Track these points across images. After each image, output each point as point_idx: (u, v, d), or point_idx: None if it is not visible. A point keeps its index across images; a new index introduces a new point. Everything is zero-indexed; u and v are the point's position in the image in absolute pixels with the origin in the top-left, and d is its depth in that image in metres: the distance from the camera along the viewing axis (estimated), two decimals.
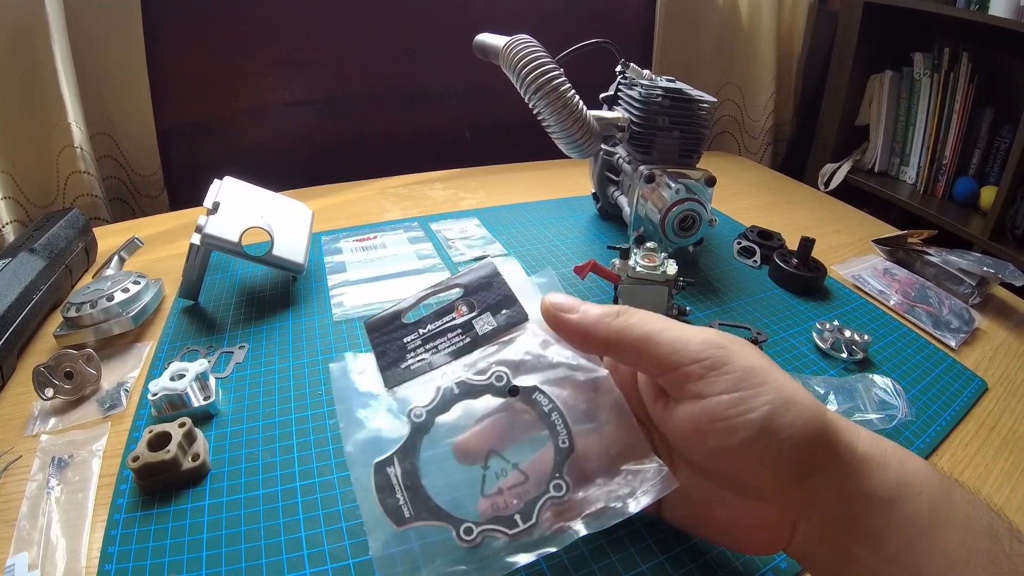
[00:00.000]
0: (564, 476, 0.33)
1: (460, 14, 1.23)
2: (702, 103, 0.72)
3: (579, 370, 0.36)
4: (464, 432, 0.35)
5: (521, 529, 0.32)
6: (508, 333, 0.37)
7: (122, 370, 0.59)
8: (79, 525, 0.42)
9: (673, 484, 0.32)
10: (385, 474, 0.33)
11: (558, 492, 0.32)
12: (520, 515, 0.32)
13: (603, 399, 0.35)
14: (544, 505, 0.32)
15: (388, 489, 0.33)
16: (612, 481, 0.33)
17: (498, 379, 0.35)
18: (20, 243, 0.68)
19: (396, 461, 0.33)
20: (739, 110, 1.51)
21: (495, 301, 0.39)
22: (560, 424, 0.34)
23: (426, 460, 0.34)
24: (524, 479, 0.33)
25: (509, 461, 0.34)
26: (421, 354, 0.38)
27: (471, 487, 0.34)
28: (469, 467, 0.34)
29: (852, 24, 1.45)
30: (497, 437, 0.35)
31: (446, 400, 0.35)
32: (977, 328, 0.70)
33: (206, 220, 0.64)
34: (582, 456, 0.34)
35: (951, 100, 1.37)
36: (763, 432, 0.29)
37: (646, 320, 0.33)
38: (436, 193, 1.04)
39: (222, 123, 1.18)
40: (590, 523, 0.32)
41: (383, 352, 0.39)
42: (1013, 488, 0.48)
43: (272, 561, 0.39)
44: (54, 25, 0.90)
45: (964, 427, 0.55)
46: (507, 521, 0.32)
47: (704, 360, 0.31)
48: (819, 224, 0.97)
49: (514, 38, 0.65)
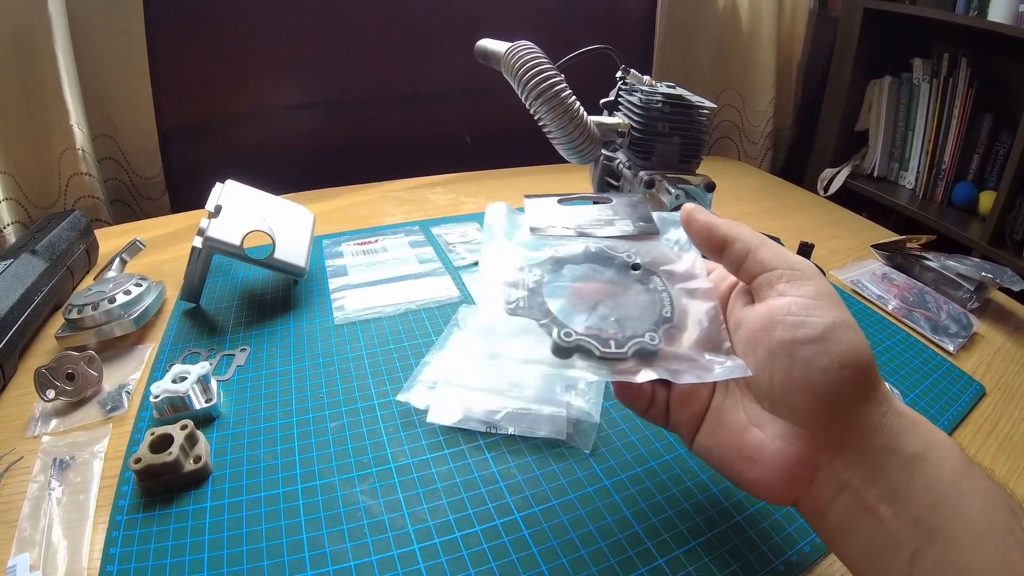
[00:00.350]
0: (660, 333, 0.36)
1: (461, 17, 1.23)
2: (702, 109, 0.72)
3: (690, 278, 0.39)
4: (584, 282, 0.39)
5: (611, 351, 0.34)
6: (641, 238, 0.42)
7: (124, 372, 0.59)
8: (80, 526, 0.42)
9: (747, 372, 0.34)
10: (515, 276, 0.38)
11: (652, 341, 0.35)
12: (616, 343, 0.35)
13: (703, 305, 0.38)
14: (636, 346, 0.35)
15: (512, 285, 0.37)
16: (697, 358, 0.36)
17: (628, 256, 0.40)
18: (22, 244, 0.69)
19: (528, 269, 0.38)
20: (739, 115, 1.52)
21: (636, 215, 0.44)
22: (668, 302, 0.38)
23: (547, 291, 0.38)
24: (621, 330, 0.36)
25: (612, 315, 0.37)
26: (565, 224, 0.43)
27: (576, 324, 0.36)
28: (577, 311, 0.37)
29: (852, 30, 1.46)
30: (610, 294, 0.39)
31: (586, 255, 0.40)
32: (975, 333, 0.70)
33: (208, 223, 0.65)
34: (677, 331, 0.37)
35: (950, 105, 1.37)
36: (824, 336, 0.31)
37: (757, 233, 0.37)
38: (437, 197, 1.05)
39: (223, 125, 1.18)
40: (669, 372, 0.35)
41: (533, 211, 0.44)
42: (1011, 492, 0.48)
43: (274, 563, 0.39)
44: (56, 26, 0.90)
45: (962, 431, 0.55)
46: (602, 341, 0.35)
47: (798, 270, 0.34)
48: (818, 229, 0.98)
49: (515, 44, 0.65)
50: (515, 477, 0.47)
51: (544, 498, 0.45)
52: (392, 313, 0.68)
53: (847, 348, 0.31)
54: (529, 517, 0.43)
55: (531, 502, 0.45)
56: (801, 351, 0.31)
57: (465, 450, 0.49)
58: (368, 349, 0.62)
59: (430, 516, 0.43)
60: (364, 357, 0.61)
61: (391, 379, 0.57)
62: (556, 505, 0.44)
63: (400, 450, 0.49)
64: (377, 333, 0.64)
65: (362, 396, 0.55)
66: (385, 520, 0.43)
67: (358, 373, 0.58)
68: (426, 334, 0.64)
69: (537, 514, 0.44)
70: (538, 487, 0.46)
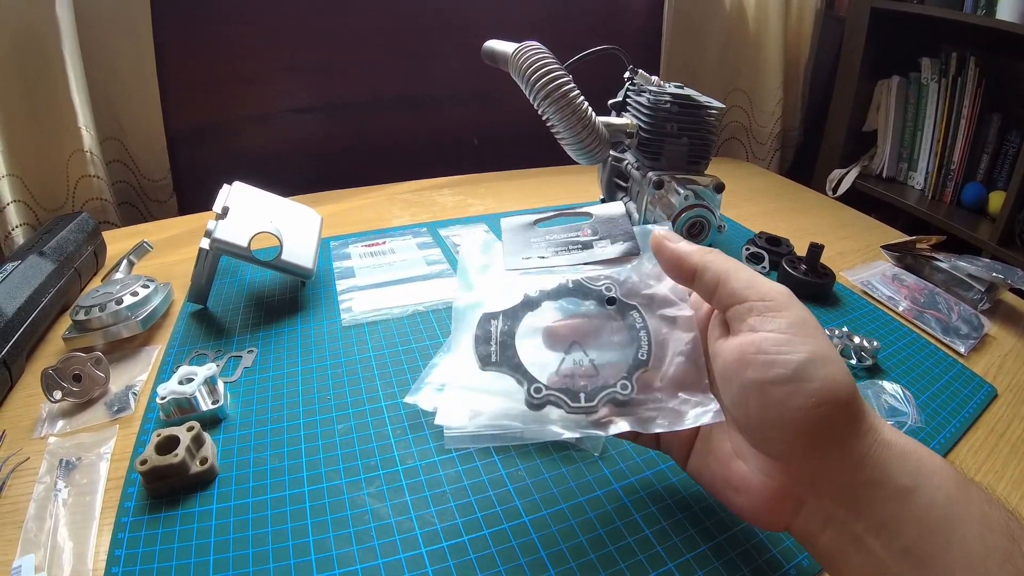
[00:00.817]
0: (632, 381, 0.36)
1: (466, 19, 1.23)
2: (710, 109, 0.72)
3: (669, 305, 0.39)
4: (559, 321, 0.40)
5: (581, 406, 0.35)
6: (621, 261, 0.41)
7: (130, 373, 0.59)
8: (86, 528, 0.42)
9: (720, 417, 0.35)
10: (487, 327, 0.38)
11: (623, 391, 0.36)
12: (585, 396, 0.35)
13: (682, 335, 0.38)
14: (606, 397, 0.35)
15: (485, 339, 0.38)
16: (670, 401, 0.36)
17: (607, 289, 0.39)
18: (30, 246, 0.69)
19: (501, 318, 0.38)
20: (747, 116, 1.51)
21: (616, 233, 0.43)
22: (644, 341, 0.37)
23: (522, 332, 0.38)
24: (596, 373, 0.37)
25: (588, 355, 0.38)
26: (541, 254, 0.43)
27: (550, 366, 0.38)
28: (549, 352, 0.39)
29: (859, 30, 1.45)
30: (584, 333, 0.39)
31: (560, 291, 0.40)
32: (986, 334, 0.69)
33: (215, 225, 0.65)
34: (652, 374, 0.37)
35: (959, 105, 1.36)
36: (797, 375, 0.30)
37: (729, 260, 0.36)
38: (444, 199, 1.05)
39: (231, 128, 1.18)
40: (640, 424, 0.35)
41: (511, 242, 0.44)
42: (1023, 496, 0.48)
43: (280, 566, 0.39)
44: (64, 30, 0.91)
45: (973, 434, 0.55)
46: (571, 395, 0.35)
47: (769, 301, 0.33)
48: (827, 230, 0.97)
49: (523, 45, 0.65)
50: (524, 480, 0.46)
51: (553, 501, 0.45)
52: (400, 315, 0.68)
53: (822, 385, 0.30)
54: (538, 520, 0.43)
55: (540, 505, 0.44)
56: (774, 391, 0.31)
57: (473, 453, 0.49)
58: (376, 351, 0.62)
59: (438, 519, 0.43)
60: (372, 359, 0.60)
61: (399, 381, 0.57)
62: (565, 508, 0.44)
63: (408, 452, 0.49)
64: (385, 335, 0.64)
65: (369, 398, 0.55)
66: (392, 523, 0.43)
67: (365, 375, 0.58)
68: (434, 336, 0.64)
69: (546, 517, 0.43)
70: (547, 490, 0.46)
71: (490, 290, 0.41)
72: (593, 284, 0.40)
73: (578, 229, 0.44)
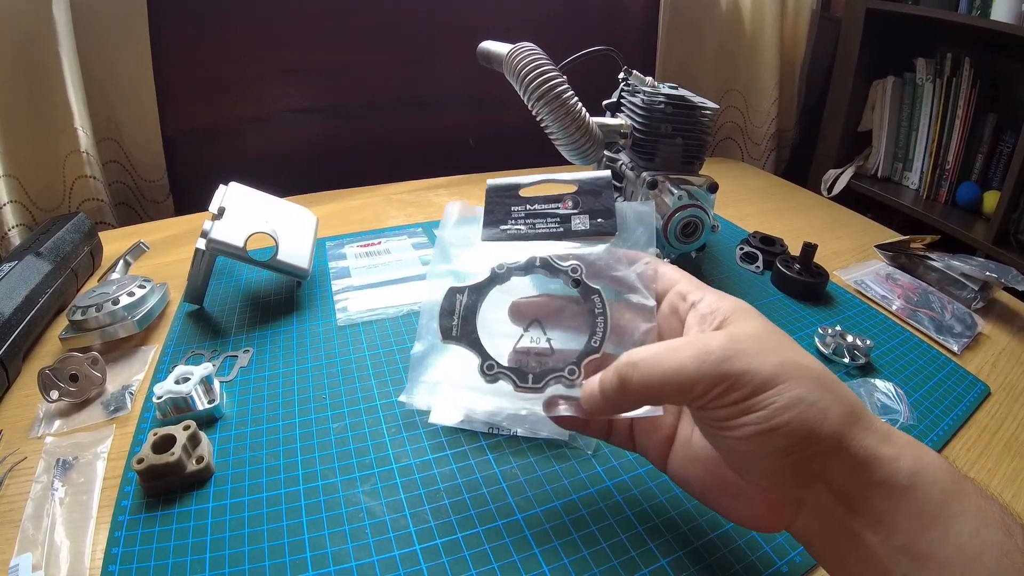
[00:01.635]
0: (580, 367, 0.37)
1: (463, 21, 1.24)
2: (705, 110, 0.72)
3: (635, 293, 0.39)
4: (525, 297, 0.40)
5: (528, 387, 0.37)
6: (594, 239, 0.41)
7: (127, 373, 0.59)
8: (83, 527, 0.43)
9: (656, 412, 0.35)
10: (453, 300, 0.39)
11: (570, 376, 0.37)
12: (533, 377, 0.37)
13: (641, 324, 0.38)
14: (553, 379, 0.37)
15: (448, 311, 0.39)
16: None
17: (573, 270, 0.39)
18: (26, 246, 0.69)
19: (466, 293, 0.39)
20: (742, 116, 1.51)
21: (597, 208, 0.42)
22: (600, 329, 0.37)
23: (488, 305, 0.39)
24: (550, 352, 0.38)
25: (546, 335, 0.39)
26: (519, 225, 0.43)
27: (509, 339, 0.39)
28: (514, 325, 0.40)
29: (854, 30, 1.45)
30: (547, 312, 0.39)
31: (528, 266, 0.40)
32: (980, 333, 0.70)
33: (211, 225, 0.65)
34: (602, 361, 0.37)
35: (953, 105, 1.37)
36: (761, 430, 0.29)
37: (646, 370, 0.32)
38: (440, 200, 1.05)
39: (227, 129, 1.18)
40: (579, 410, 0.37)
41: (491, 210, 0.44)
42: (1016, 493, 0.48)
43: (276, 563, 0.40)
44: (61, 31, 0.91)
45: (966, 432, 0.55)
46: (521, 375, 0.37)
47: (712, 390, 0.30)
48: (822, 230, 0.97)
49: (517, 46, 0.65)
50: (517, 478, 0.47)
51: (546, 499, 0.45)
52: (395, 314, 0.68)
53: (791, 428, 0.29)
54: (531, 518, 0.43)
55: (533, 503, 0.45)
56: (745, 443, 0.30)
57: (467, 451, 0.49)
58: (371, 350, 0.62)
59: (432, 517, 0.43)
60: (367, 358, 0.61)
61: (393, 380, 0.57)
62: (558, 506, 0.44)
63: (402, 451, 0.49)
64: (380, 334, 0.64)
65: (364, 397, 0.55)
66: (387, 521, 0.43)
67: (361, 374, 0.58)
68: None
69: (539, 515, 0.44)
70: (540, 488, 0.46)
71: (464, 260, 0.42)
72: (561, 263, 0.39)
73: (559, 200, 0.43)
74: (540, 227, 0.42)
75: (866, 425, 0.30)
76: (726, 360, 0.30)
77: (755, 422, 0.29)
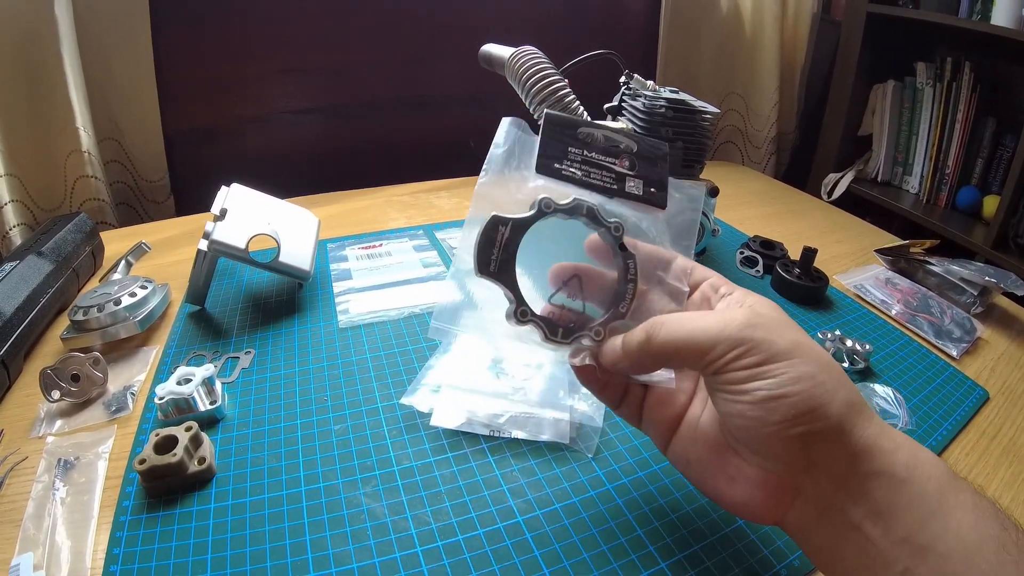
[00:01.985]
0: (604, 330, 0.37)
1: (463, 21, 1.24)
2: (705, 114, 0.72)
3: (668, 272, 0.39)
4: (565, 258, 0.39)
5: (556, 340, 0.37)
6: (644, 207, 0.40)
7: (128, 374, 0.59)
8: (84, 527, 0.43)
9: (671, 385, 0.37)
10: (495, 231, 0.37)
11: (596, 337, 0.37)
12: (563, 331, 0.37)
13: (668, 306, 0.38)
14: (581, 337, 0.37)
15: (489, 243, 0.37)
16: None
17: (616, 229, 0.38)
18: (28, 246, 0.69)
19: (509, 226, 0.37)
20: (742, 120, 1.52)
21: (651, 177, 0.41)
22: (629, 296, 0.38)
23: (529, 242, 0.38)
24: (581, 313, 0.38)
25: (579, 295, 0.39)
26: (574, 168, 0.40)
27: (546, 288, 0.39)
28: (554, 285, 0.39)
29: (855, 34, 1.45)
30: (587, 275, 0.39)
31: (574, 210, 0.38)
32: (979, 338, 0.70)
33: (213, 226, 0.65)
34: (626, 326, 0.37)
35: (954, 110, 1.37)
36: (770, 396, 0.30)
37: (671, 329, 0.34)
38: (441, 202, 1.05)
39: (228, 130, 1.19)
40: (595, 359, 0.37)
41: (548, 142, 0.41)
42: (1013, 498, 0.48)
43: (277, 564, 0.40)
44: (63, 30, 0.91)
45: (965, 436, 0.55)
46: (552, 327, 0.37)
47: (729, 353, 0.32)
48: (821, 234, 0.98)
49: (519, 49, 0.66)
50: (518, 480, 0.47)
51: (547, 501, 0.45)
52: (396, 317, 0.68)
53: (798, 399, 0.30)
54: (532, 520, 0.43)
55: (534, 505, 0.45)
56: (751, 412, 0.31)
57: (468, 453, 0.49)
58: (372, 352, 0.62)
59: (433, 519, 0.43)
60: (368, 360, 0.61)
61: (395, 382, 0.57)
62: (559, 508, 0.45)
63: (403, 453, 0.49)
64: (381, 336, 0.65)
65: (366, 399, 0.55)
66: (388, 523, 0.43)
67: (362, 376, 0.58)
68: (430, 337, 0.64)
69: (540, 517, 0.44)
70: (541, 490, 0.46)
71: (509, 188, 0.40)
72: (607, 218, 0.38)
73: (617, 155, 0.41)
74: (595, 177, 0.40)
75: (867, 417, 0.31)
76: (748, 326, 0.32)
77: (766, 387, 0.30)
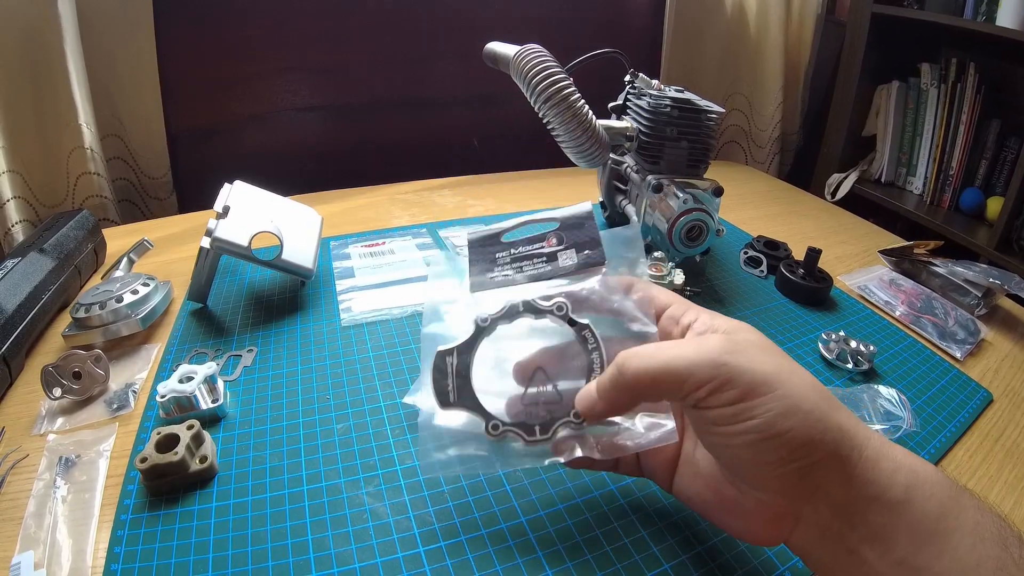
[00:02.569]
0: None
1: (468, 22, 1.24)
2: (710, 114, 0.72)
3: (635, 321, 0.38)
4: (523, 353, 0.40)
5: (536, 438, 0.37)
6: (584, 272, 0.41)
7: (130, 371, 0.59)
8: (85, 525, 0.42)
9: (673, 439, 0.36)
10: (444, 363, 0.38)
11: (577, 419, 0.37)
12: (540, 427, 0.37)
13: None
14: (561, 426, 0.37)
15: (442, 374, 0.38)
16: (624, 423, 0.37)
17: (558, 308, 0.38)
18: (30, 243, 0.69)
19: (456, 353, 0.39)
20: (746, 120, 1.51)
21: (582, 240, 0.42)
22: (598, 363, 0.37)
23: (480, 359, 0.39)
24: (559, 399, 0.38)
25: (551, 380, 0.38)
26: (506, 270, 0.42)
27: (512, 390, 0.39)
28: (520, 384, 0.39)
29: (859, 35, 1.45)
30: (548, 359, 0.39)
31: (510, 313, 0.39)
32: (983, 339, 0.70)
33: (216, 224, 0.65)
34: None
35: (958, 111, 1.37)
36: (761, 437, 0.30)
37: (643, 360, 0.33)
38: (444, 200, 1.05)
39: (231, 127, 1.18)
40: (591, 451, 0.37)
41: (475, 261, 0.43)
42: (1017, 500, 0.48)
43: (278, 564, 0.39)
44: (66, 27, 0.91)
45: (969, 438, 0.55)
46: (527, 428, 0.37)
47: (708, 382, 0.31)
48: (825, 234, 0.97)
49: (524, 47, 0.65)
50: (521, 481, 0.47)
51: (550, 502, 0.45)
52: (399, 315, 0.68)
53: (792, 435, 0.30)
54: (535, 521, 0.43)
55: (537, 506, 0.44)
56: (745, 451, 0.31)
57: None
58: (375, 351, 0.62)
59: (435, 519, 0.43)
60: (371, 359, 0.61)
61: (397, 381, 0.57)
62: (562, 509, 0.44)
63: (406, 452, 0.49)
64: (384, 335, 0.64)
65: (369, 398, 0.55)
66: (390, 522, 0.43)
67: (365, 375, 0.58)
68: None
69: (543, 518, 0.44)
70: (544, 491, 0.46)
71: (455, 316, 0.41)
72: (544, 303, 0.39)
73: (543, 239, 0.42)
74: (528, 269, 0.42)
75: (863, 437, 0.31)
76: (724, 353, 0.31)
77: (755, 429, 0.30)
